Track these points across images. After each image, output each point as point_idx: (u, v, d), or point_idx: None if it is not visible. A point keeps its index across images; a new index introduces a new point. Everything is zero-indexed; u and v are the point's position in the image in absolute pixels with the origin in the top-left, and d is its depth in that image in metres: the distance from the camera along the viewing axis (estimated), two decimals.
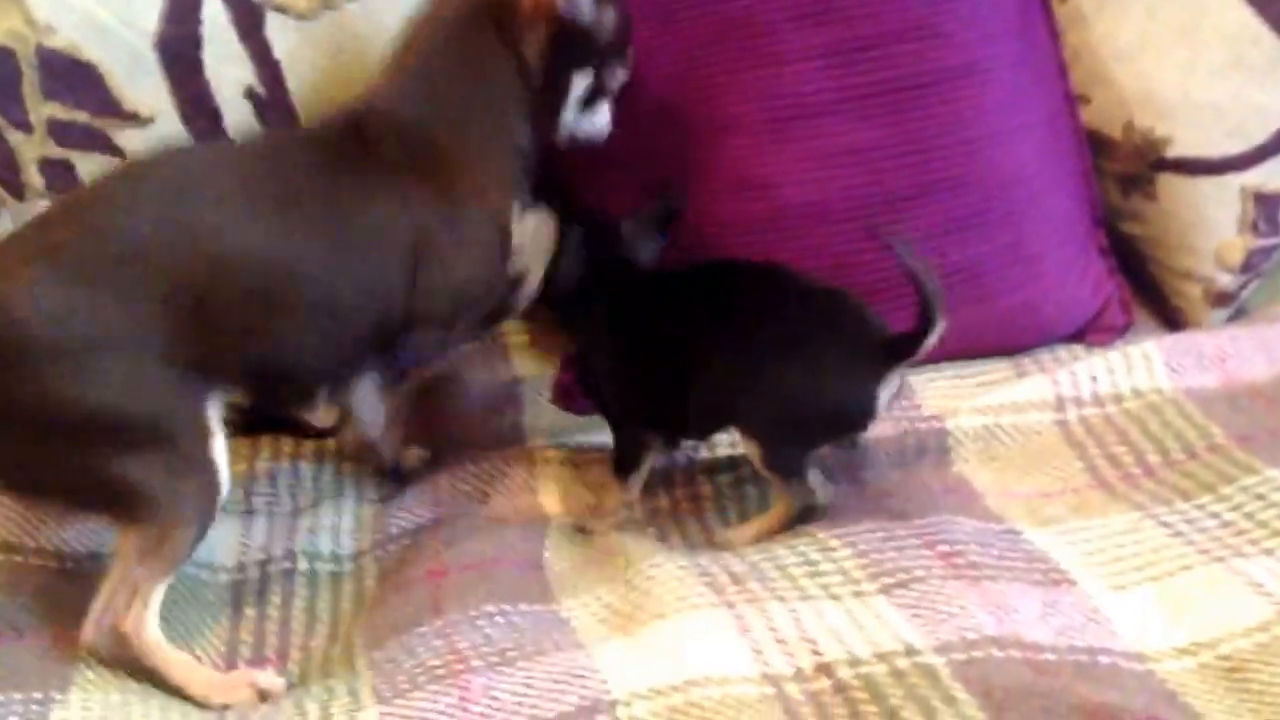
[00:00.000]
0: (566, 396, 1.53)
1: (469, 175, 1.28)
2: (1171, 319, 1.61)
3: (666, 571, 1.17)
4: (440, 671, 1.04)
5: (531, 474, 1.40)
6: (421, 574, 1.20)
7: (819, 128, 1.45)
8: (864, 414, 1.26)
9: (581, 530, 1.30)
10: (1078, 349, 1.54)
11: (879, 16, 1.43)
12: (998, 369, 1.50)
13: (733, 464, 1.38)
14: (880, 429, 1.34)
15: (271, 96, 1.44)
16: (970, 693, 0.97)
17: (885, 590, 1.12)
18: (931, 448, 1.38)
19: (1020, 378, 1.47)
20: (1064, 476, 1.32)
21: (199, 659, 1.17)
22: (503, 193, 1.31)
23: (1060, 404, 1.40)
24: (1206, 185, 1.56)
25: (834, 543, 1.19)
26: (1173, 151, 1.56)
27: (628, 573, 1.19)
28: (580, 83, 1.35)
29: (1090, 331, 1.57)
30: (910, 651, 1.03)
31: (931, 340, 1.21)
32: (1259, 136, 1.54)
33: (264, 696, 1.11)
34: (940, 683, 0.99)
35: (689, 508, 1.35)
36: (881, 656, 1.02)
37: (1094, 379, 1.42)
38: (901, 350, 1.23)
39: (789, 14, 1.43)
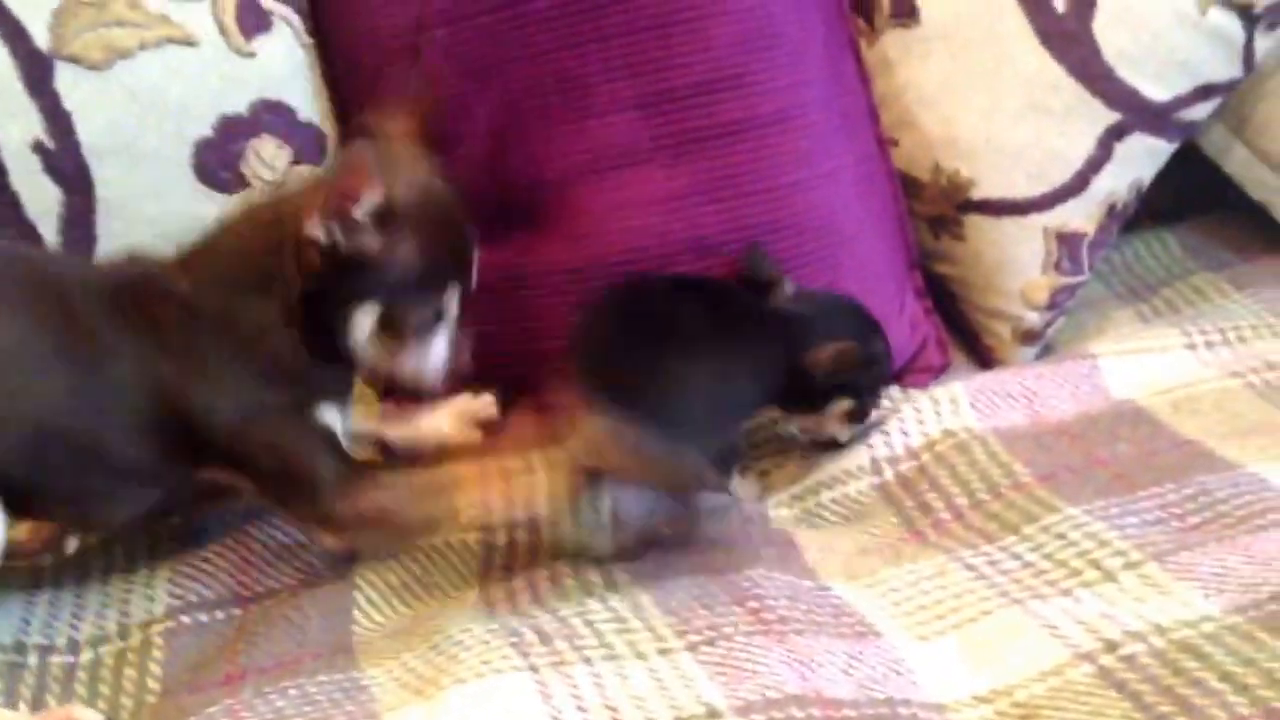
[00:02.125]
0: None
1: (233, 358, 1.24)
2: (983, 358, 1.65)
3: (474, 635, 1.15)
4: None
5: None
6: (218, 678, 1.15)
7: (634, 177, 1.46)
8: None
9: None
10: (892, 397, 1.55)
11: (690, 66, 1.44)
12: None
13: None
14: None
15: (61, 149, 1.39)
16: None
17: (692, 648, 1.12)
18: (757, 512, 1.38)
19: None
20: (881, 532, 1.33)
21: None
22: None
23: (876, 467, 1.42)
24: (1011, 226, 1.60)
25: (645, 599, 1.19)
26: (978, 193, 1.59)
27: (435, 637, 1.17)
28: (361, 317, 1.24)
29: (909, 372, 1.60)
30: (712, 714, 1.02)
31: None
32: (1059, 178, 1.59)
33: None
34: None
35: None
36: None
37: (905, 433, 1.44)
38: None
39: (603, 65, 1.43)
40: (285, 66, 1.46)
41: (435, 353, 1.27)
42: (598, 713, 1.04)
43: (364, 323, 1.23)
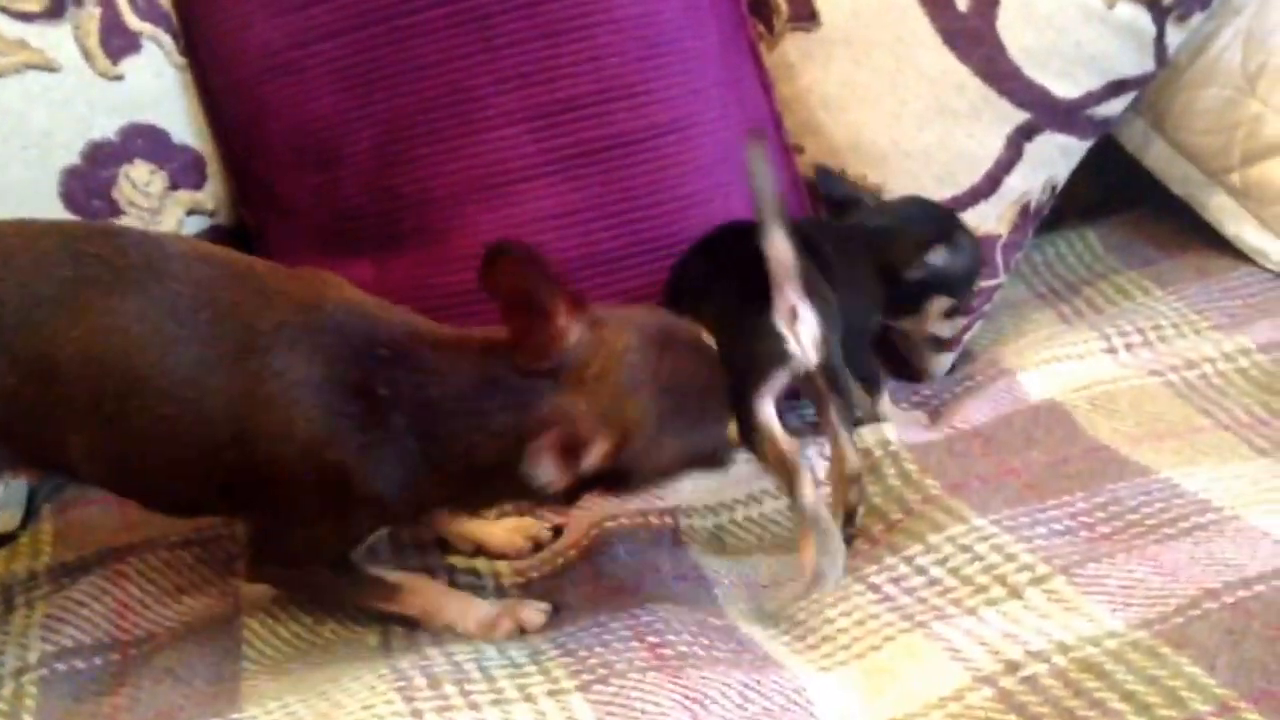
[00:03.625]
0: None
1: None
2: (900, 365, 1.61)
3: (361, 681, 1.11)
4: None
5: None
6: None
7: (526, 193, 1.42)
8: None
9: None
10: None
11: (580, 78, 1.41)
12: None
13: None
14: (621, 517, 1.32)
15: None
16: None
17: (584, 687, 1.08)
18: (667, 540, 1.33)
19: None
20: (793, 559, 1.28)
21: None
22: None
23: None
24: None
25: (544, 645, 1.15)
26: (886, 198, 1.55)
27: (323, 682, 1.12)
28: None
29: None
30: None
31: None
32: (968, 180, 1.55)
33: None
34: None
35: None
36: None
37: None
38: None
39: (492, 79, 1.40)
40: (156, 88, 1.41)
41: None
42: None
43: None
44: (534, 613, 1.20)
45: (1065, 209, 1.75)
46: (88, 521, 1.41)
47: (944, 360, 1.59)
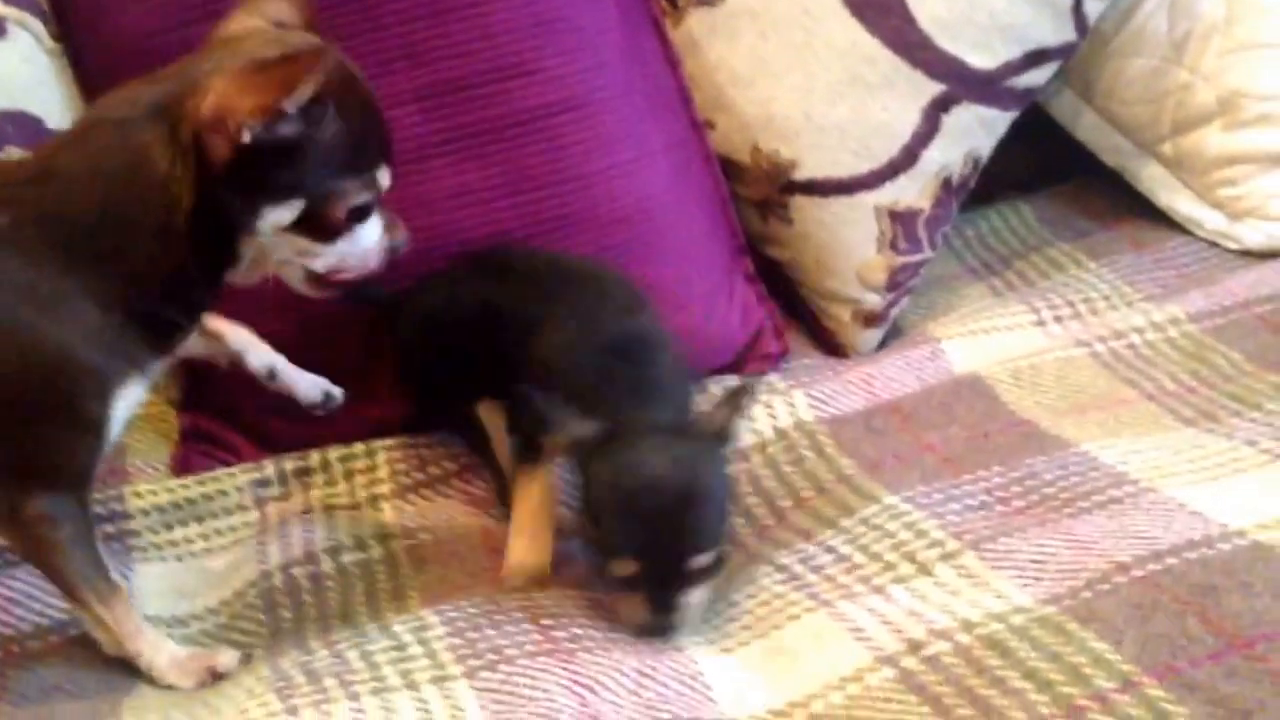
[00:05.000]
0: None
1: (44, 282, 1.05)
2: (825, 342, 1.57)
3: (241, 686, 1.07)
4: None
5: None
6: None
7: (421, 173, 1.37)
8: None
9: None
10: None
11: (471, 56, 1.37)
12: None
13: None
14: None
15: None
16: None
17: (470, 674, 1.04)
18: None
19: None
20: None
21: None
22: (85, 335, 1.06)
23: None
24: (839, 206, 1.52)
25: (433, 619, 1.11)
26: (800, 174, 1.52)
27: (207, 692, 1.08)
28: (276, 215, 1.07)
29: (745, 362, 1.52)
30: None
31: None
32: (885, 154, 1.51)
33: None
34: None
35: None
36: None
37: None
38: None
39: (378, 59, 1.34)
40: (27, 75, 1.36)
41: (369, 237, 1.12)
42: None
43: (277, 218, 1.06)
44: (228, 658, 1.12)
45: (998, 183, 1.71)
46: None
47: (871, 336, 1.55)
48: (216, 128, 1.02)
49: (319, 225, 1.08)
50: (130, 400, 1.10)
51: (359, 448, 1.38)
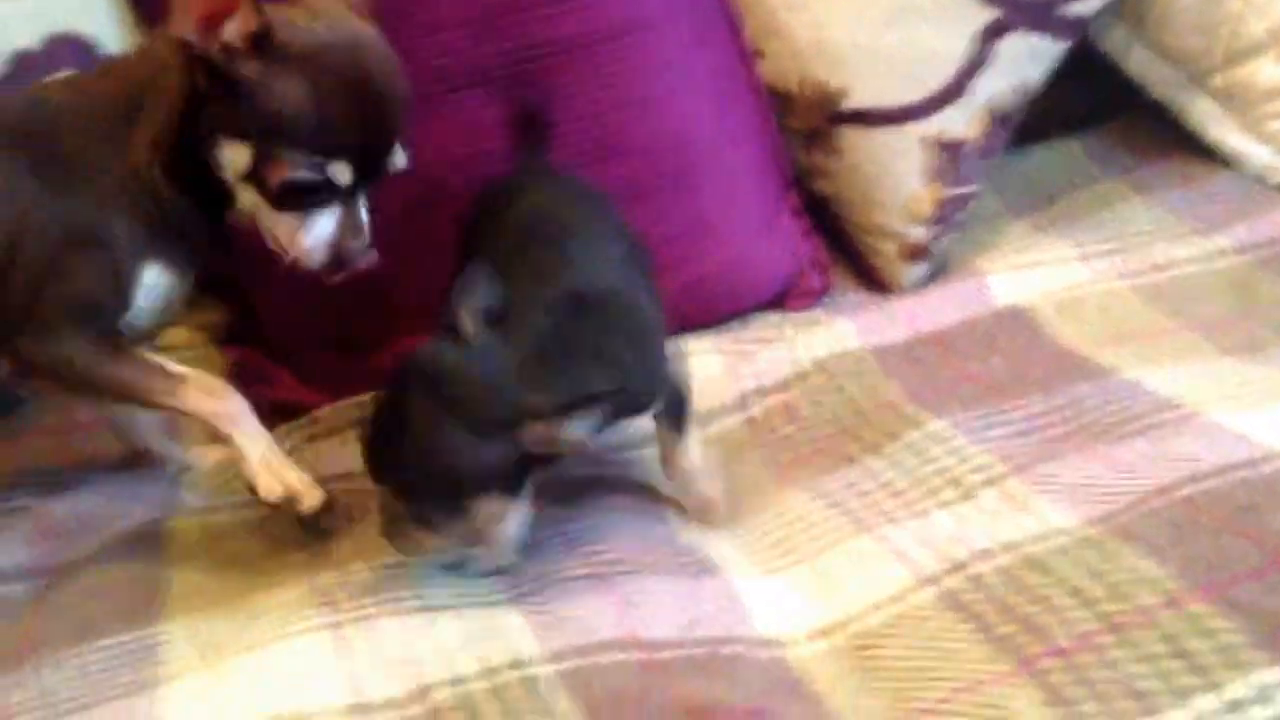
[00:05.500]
0: None
1: (89, 196, 1.14)
2: (869, 279, 1.56)
3: (279, 600, 1.08)
4: None
5: None
6: (8, 652, 1.06)
7: (470, 99, 1.37)
8: None
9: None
10: (770, 322, 1.47)
11: None
12: None
13: None
14: None
15: None
16: (571, 701, 0.92)
17: (516, 598, 1.05)
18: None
19: (706, 381, 1.36)
20: (747, 475, 1.25)
21: None
22: (126, 245, 1.14)
23: (744, 402, 1.34)
24: (887, 136, 1.51)
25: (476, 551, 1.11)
26: (849, 103, 1.51)
27: (247, 601, 1.10)
28: (230, 154, 1.10)
29: (789, 297, 1.52)
30: (517, 664, 0.96)
31: None
32: (934, 83, 1.50)
33: None
34: (540, 695, 0.93)
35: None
36: (487, 672, 0.96)
37: (777, 362, 1.37)
38: None
39: None
40: None
41: (317, 229, 1.11)
42: (398, 668, 0.97)
43: (231, 159, 1.10)
44: (313, 497, 1.13)
45: (1048, 122, 1.70)
46: (28, 448, 1.38)
47: (915, 271, 1.55)
48: (175, 37, 1.07)
49: (266, 187, 1.10)
50: (152, 279, 1.14)
51: None
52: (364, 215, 1.13)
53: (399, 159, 1.14)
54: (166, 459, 1.33)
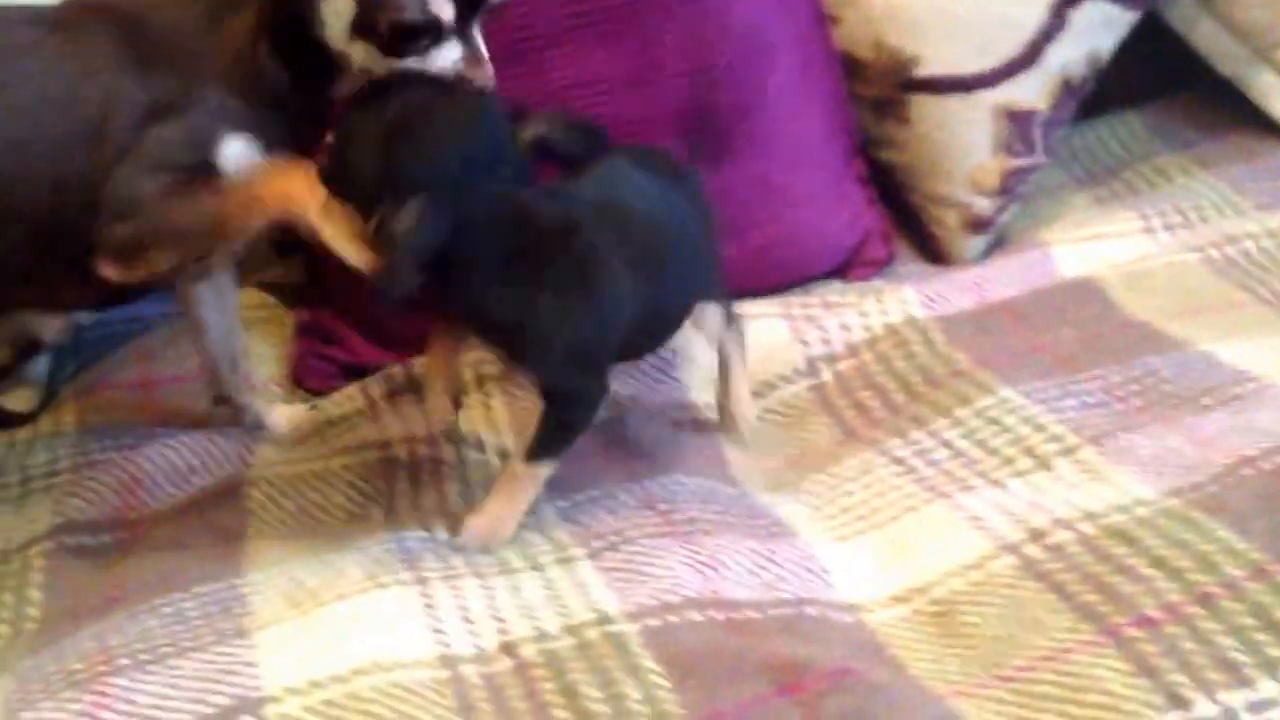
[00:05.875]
0: (303, 371, 1.44)
1: (181, 74, 1.11)
2: (930, 249, 1.55)
3: (366, 553, 1.09)
4: (81, 675, 0.95)
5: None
6: (98, 601, 1.08)
7: (552, 59, 1.37)
8: None
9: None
10: (833, 290, 1.47)
11: None
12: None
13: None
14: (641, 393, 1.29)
15: None
16: (656, 659, 0.92)
17: (594, 555, 1.06)
18: (687, 422, 1.29)
19: (771, 347, 1.37)
20: (815, 441, 1.25)
21: None
22: (214, 114, 1.11)
23: (813, 368, 1.34)
24: (957, 104, 1.50)
25: (548, 510, 1.12)
26: (922, 70, 1.50)
27: (328, 553, 1.10)
28: (334, 10, 1.07)
29: (852, 266, 1.51)
30: (602, 620, 0.97)
31: None
32: (1008, 51, 1.49)
33: None
34: (627, 651, 0.93)
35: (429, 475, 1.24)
36: (571, 629, 0.96)
37: (846, 329, 1.36)
38: None
39: None
40: None
41: (440, 62, 1.07)
42: (484, 623, 0.98)
43: (335, 13, 1.07)
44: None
45: (1109, 94, 1.68)
46: (107, 403, 1.39)
47: (977, 243, 1.55)
48: None
49: (377, 36, 1.06)
50: (236, 151, 1.11)
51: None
52: (482, 46, 1.09)
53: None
54: (246, 412, 1.33)
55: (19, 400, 1.40)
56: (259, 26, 1.11)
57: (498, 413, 1.29)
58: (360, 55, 1.08)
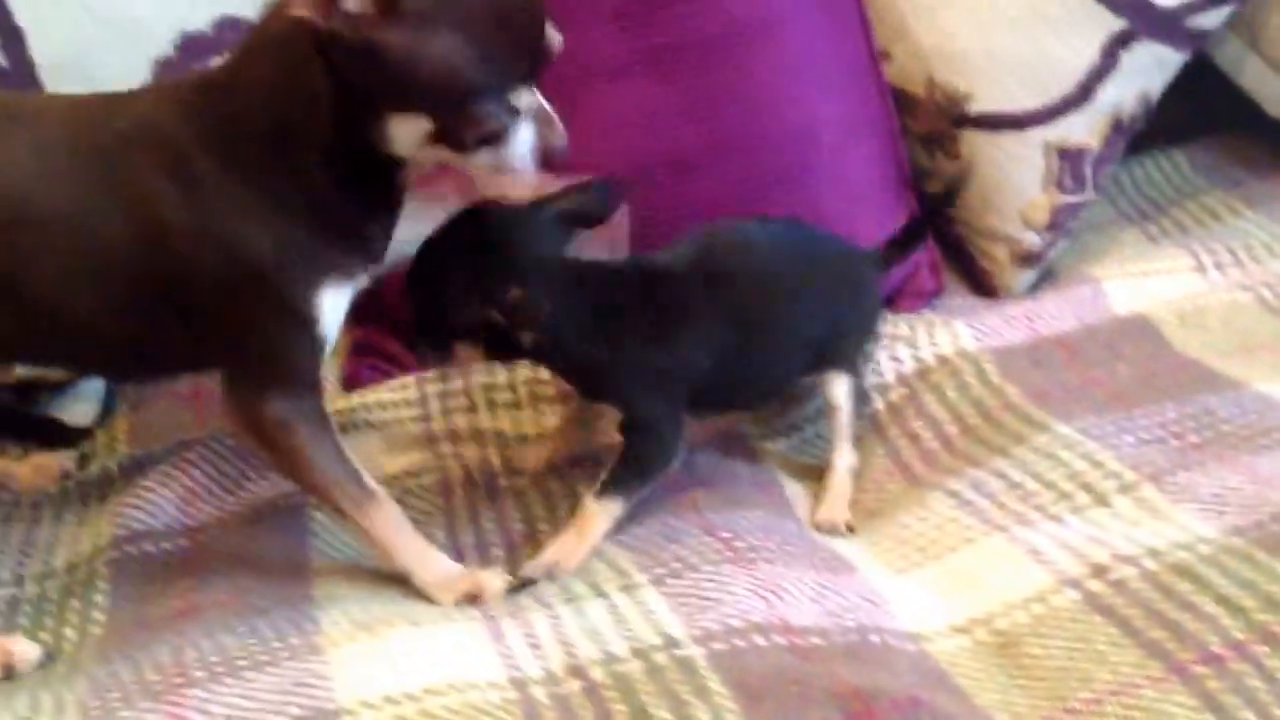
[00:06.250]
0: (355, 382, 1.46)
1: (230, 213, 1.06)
2: (979, 282, 1.56)
3: None
4: (157, 686, 0.96)
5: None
6: (168, 613, 1.09)
7: (609, 92, 1.39)
8: None
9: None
10: (885, 320, 1.47)
11: None
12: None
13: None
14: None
15: (13, 68, 1.34)
16: (725, 683, 0.92)
17: (657, 581, 1.07)
18: (739, 451, 1.30)
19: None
20: (868, 473, 1.26)
21: None
22: (280, 248, 1.06)
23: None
24: (1009, 141, 1.52)
25: (609, 545, 1.13)
26: (974, 107, 1.51)
27: (393, 588, 1.10)
28: (405, 129, 1.03)
29: (901, 297, 1.52)
30: (670, 644, 0.97)
31: None
32: (1059, 90, 1.50)
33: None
34: (696, 675, 0.94)
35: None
36: (639, 652, 0.97)
37: (897, 360, 1.37)
38: None
39: None
40: None
41: (521, 149, 1.05)
42: (551, 648, 0.99)
43: (409, 133, 1.03)
44: (496, 579, 1.09)
45: (1155, 131, 1.69)
46: (161, 417, 1.41)
47: (1026, 277, 1.56)
48: (297, 18, 0.98)
49: (458, 142, 1.04)
50: (335, 302, 1.08)
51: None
52: (548, 107, 1.07)
53: (555, 41, 1.06)
54: None
55: (77, 415, 1.42)
56: (315, 149, 1.05)
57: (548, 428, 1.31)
58: (431, 157, 1.07)
